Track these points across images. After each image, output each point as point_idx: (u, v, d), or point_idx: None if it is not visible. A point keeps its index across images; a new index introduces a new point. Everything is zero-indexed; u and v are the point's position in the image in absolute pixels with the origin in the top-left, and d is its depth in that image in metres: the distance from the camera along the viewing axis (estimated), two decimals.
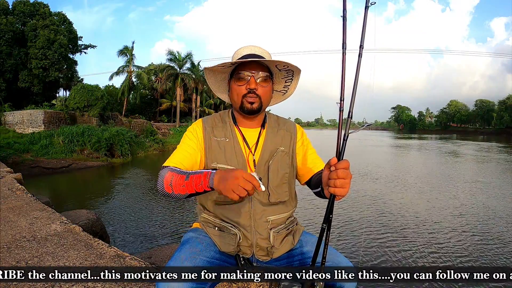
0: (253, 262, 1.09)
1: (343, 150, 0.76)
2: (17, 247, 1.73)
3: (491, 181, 9.97)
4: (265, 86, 1.04)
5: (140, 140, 18.68)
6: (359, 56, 0.75)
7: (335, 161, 0.74)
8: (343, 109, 0.76)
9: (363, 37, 0.75)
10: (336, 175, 0.73)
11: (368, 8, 0.75)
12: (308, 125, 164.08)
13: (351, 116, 0.76)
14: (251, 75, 1.01)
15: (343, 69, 0.76)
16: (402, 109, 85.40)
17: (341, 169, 0.73)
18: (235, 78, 1.04)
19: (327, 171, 0.78)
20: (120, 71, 25.72)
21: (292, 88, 1.14)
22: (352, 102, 0.75)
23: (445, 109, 74.93)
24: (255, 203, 1.04)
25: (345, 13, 0.76)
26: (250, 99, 1.02)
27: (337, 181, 0.73)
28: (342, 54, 0.76)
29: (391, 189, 8.67)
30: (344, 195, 0.74)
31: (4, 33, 17.52)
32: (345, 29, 0.76)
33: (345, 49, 0.76)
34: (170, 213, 6.64)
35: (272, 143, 1.09)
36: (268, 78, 1.04)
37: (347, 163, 0.73)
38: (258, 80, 1.02)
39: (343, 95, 0.76)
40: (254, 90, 1.02)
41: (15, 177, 3.81)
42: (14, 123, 15.24)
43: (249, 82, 1.01)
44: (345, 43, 0.76)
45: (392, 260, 4.19)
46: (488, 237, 5.08)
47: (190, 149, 1.05)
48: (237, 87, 1.04)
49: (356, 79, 0.74)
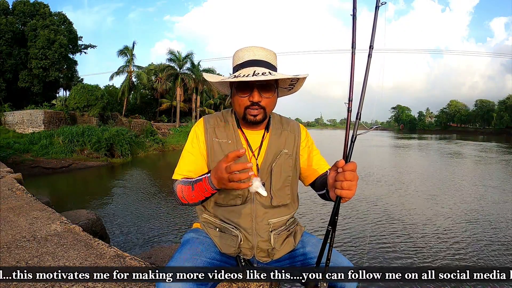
0: (253, 263, 1.08)
1: (351, 152, 0.74)
2: (17, 247, 1.72)
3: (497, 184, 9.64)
4: (269, 96, 0.97)
5: (140, 140, 18.66)
6: (369, 57, 0.73)
7: (342, 163, 0.73)
8: (351, 109, 0.74)
9: (373, 37, 0.73)
10: (344, 177, 0.72)
11: (378, 8, 0.73)
12: (308, 125, 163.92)
13: (360, 117, 0.74)
14: (254, 87, 0.94)
15: (352, 69, 0.74)
16: (402, 109, 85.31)
17: (349, 171, 0.72)
18: (236, 86, 0.96)
19: (333, 173, 0.76)
20: (120, 71, 25.72)
21: (299, 86, 1.06)
22: (361, 103, 0.73)
23: (445, 109, 74.91)
24: (257, 206, 1.03)
25: (355, 12, 0.74)
26: (253, 112, 0.96)
27: (344, 183, 0.72)
28: (352, 54, 0.74)
29: (395, 191, 8.52)
30: (350, 197, 0.73)
31: (4, 33, 17.52)
32: (355, 28, 0.74)
33: (354, 48, 0.74)
34: (170, 213, 6.63)
35: (275, 146, 1.05)
36: (272, 87, 0.97)
37: (354, 165, 0.72)
38: (262, 91, 0.95)
39: (352, 96, 0.74)
40: (258, 102, 0.95)
41: (15, 177, 3.81)
42: (14, 123, 15.24)
43: (252, 95, 0.94)
44: (354, 43, 0.74)
45: (396, 262, 4.18)
46: (495, 240, 4.98)
47: (194, 155, 1.04)
48: (239, 98, 0.96)
49: (365, 80, 0.72)
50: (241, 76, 0.91)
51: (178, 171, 1.02)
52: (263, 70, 0.93)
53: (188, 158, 1.04)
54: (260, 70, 0.93)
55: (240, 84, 0.95)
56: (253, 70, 0.93)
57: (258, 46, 1.00)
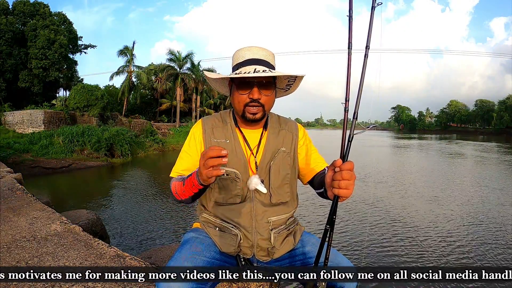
0: (253, 262, 1.08)
1: (348, 151, 0.75)
2: (17, 247, 1.72)
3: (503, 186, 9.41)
4: (268, 94, 0.99)
5: (140, 140, 18.66)
6: (365, 57, 0.74)
7: (340, 163, 0.73)
8: (348, 109, 0.75)
9: (369, 37, 0.74)
10: (341, 176, 0.72)
11: (374, 9, 0.73)
12: (308, 125, 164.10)
13: (357, 117, 0.75)
14: (254, 84, 0.96)
15: (348, 69, 0.74)
16: (402, 109, 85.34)
17: (346, 170, 0.72)
18: (237, 84, 0.99)
19: (331, 172, 0.77)
20: (120, 71, 25.73)
21: (295, 87, 1.10)
22: (358, 103, 0.74)
23: (445, 109, 74.95)
24: (257, 204, 1.04)
25: (351, 13, 0.75)
26: (252, 110, 0.98)
27: (342, 182, 0.72)
28: (348, 54, 0.75)
29: (396, 193, 8.44)
30: (348, 196, 0.74)
31: (4, 33, 17.51)
32: (351, 29, 0.75)
33: (351, 49, 0.75)
34: (170, 213, 6.63)
35: (273, 144, 1.07)
36: (271, 85, 1.00)
37: (351, 164, 0.73)
38: (261, 89, 0.98)
39: (349, 95, 0.75)
40: (258, 99, 0.98)
41: (15, 177, 3.81)
42: (14, 123, 15.24)
43: (252, 92, 0.97)
44: (351, 43, 0.75)
45: (394, 262, 4.17)
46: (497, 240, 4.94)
47: (190, 155, 1.06)
48: (239, 95, 0.99)
49: (361, 80, 0.73)
50: (242, 73, 0.95)
51: (175, 169, 1.06)
52: (264, 68, 0.97)
53: (185, 158, 1.07)
54: (260, 68, 0.96)
55: (241, 81, 0.98)
56: (254, 68, 0.96)
57: (258, 46, 1.03)
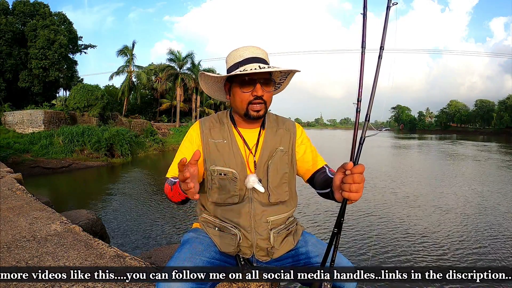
0: (253, 262, 1.08)
1: (359, 154, 0.73)
2: (17, 247, 1.73)
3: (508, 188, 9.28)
4: (270, 91, 1.01)
5: (140, 140, 18.67)
6: (379, 58, 0.72)
7: (351, 166, 0.72)
8: (360, 110, 0.73)
9: (383, 37, 0.72)
10: (352, 180, 0.72)
11: (389, 8, 0.72)
12: (308, 125, 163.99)
13: (369, 119, 0.73)
14: (258, 82, 0.98)
15: (361, 69, 0.73)
16: (402, 109, 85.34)
17: (357, 173, 0.72)
18: (239, 83, 0.99)
19: (340, 174, 0.76)
20: (120, 71, 25.73)
21: (285, 85, 1.13)
22: (370, 105, 0.72)
23: (445, 109, 74.93)
24: (255, 204, 1.04)
25: (366, 11, 0.73)
26: (256, 107, 0.99)
27: (353, 186, 0.72)
28: (361, 54, 0.73)
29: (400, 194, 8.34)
30: (357, 199, 0.73)
31: (4, 33, 17.49)
32: (365, 28, 0.73)
33: (364, 48, 0.73)
34: (170, 213, 6.64)
35: (271, 143, 1.07)
36: (272, 82, 1.02)
37: (362, 167, 0.72)
38: (263, 86, 0.99)
39: (361, 96, 0.73)
40: (262, 96, 0.99)
41: (15, 177, 3.81)
42: (14, 123, 15.23)
43: (256, 89, 0.98)
44: (364, 42, 0.73)
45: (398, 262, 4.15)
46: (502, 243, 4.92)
47: (186, 156, 1.04)
48: (242, 93, 0.99)
49: (375, 81, 0.71)
50: (248, 70, 0.95)
51: (170, 171, 1.06)
52: (265, 65, 0.99)
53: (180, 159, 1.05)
54: (263, 66, 0.98)
55: (243, 80, 0.98)
56: (258, 65, 0.97)
57: (254, 46, 1.04)
